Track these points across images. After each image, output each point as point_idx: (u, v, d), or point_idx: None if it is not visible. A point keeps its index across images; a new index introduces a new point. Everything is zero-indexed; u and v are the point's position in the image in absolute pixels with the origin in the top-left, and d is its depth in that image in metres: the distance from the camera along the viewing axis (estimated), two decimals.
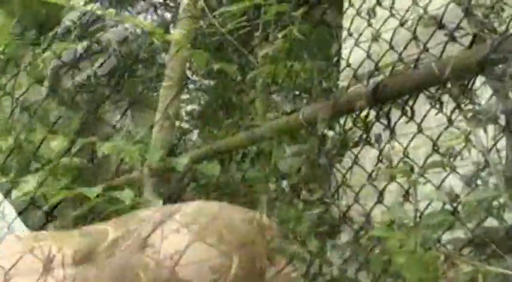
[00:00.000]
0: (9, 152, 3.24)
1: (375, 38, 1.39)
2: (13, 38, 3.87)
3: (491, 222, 1.27)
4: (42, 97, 4.06)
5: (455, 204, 1.27)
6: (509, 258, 1.16)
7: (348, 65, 1.59)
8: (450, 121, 1.26)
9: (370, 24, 1.45)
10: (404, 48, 1.37)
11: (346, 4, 1.94)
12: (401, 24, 1.38)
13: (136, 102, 3.90)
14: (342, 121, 1.54)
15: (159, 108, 2.13)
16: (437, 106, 1.29)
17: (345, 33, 1.61)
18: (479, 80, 1.30)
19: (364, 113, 1.42)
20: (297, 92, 1.82)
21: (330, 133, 1.45)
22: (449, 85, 1.26)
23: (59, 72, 4.05)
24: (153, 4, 6.38)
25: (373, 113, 1.43)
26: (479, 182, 1.24)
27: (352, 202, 1.52)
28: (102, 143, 1.75)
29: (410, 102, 1.36)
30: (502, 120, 1.24)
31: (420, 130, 1.33)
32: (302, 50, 1.77)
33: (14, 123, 3.88)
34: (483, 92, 1.28)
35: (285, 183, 1.61)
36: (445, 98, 1.31)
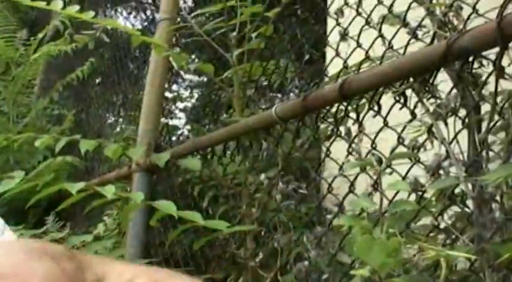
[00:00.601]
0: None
1: (343, 37, 1.42)
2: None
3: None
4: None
5: (420, 193, 1.32)
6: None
7: (321, 62, 1.62)
8: (413, 115, 1.30)
9: (338, 24, 1.49)
10: (370, 46, 1.40)
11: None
12: (367, 23, 1.41)
13: (128, 100, 3.92)
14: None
15: (144, 105, 2.16)
16: (402, 101, 1.32)
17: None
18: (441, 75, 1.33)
19: (334, 109, 1.45)
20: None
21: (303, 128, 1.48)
22: (411, 80, 1.30)
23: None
24: (143, 4, 6.40)
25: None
26: (441, 172, 1.28)
27: (326, 192, 1.56)
28: (85, 141, 1.78)
29: (378, 98, 1.39)
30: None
31: (386, 124, 1.36)
32: (277, 49, 1.80)
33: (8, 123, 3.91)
34: (444, 86, 1.31)
35: (263, 176, 1.64)
36: (409, 92, 1.35)
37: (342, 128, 1.47)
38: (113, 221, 2.76)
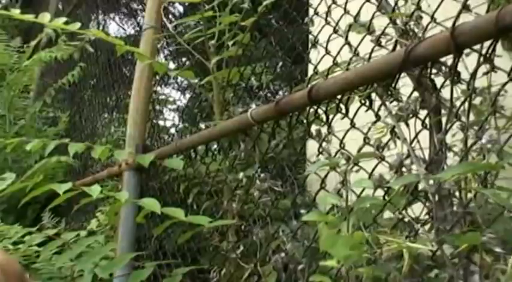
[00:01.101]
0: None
1: (313, 44, 1.44)
2: None
3: None
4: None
5: (385, 189, 1.34)
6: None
7: (296, 70, 1.64)
8: (377, 117, 1.32)
9: (309, 32, 1.50)
10: (338, 53, 1.42)
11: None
12: (335, 32, 1.43)
13: (119, 103, 3.92)
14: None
15: (130, 109, 2.17)
16: (367, 104, 1.35)
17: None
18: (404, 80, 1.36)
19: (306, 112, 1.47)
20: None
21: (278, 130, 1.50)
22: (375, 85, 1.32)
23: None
24: (134, 11, 6.39)
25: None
26: (404, 169, 1.31)
27: (300, 188, 1.58)
28: (73, 144, 1.79)
29: (345, 102, 1.41)
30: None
31: (353, 125, 1.38)
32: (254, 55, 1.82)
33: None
34: (406, 90, 1.33)
35: (241, 174, 1.66)
36: (374, 96, 1.37)
37: (313, 129, 1.50)
38: (105, 217, 2.77)
